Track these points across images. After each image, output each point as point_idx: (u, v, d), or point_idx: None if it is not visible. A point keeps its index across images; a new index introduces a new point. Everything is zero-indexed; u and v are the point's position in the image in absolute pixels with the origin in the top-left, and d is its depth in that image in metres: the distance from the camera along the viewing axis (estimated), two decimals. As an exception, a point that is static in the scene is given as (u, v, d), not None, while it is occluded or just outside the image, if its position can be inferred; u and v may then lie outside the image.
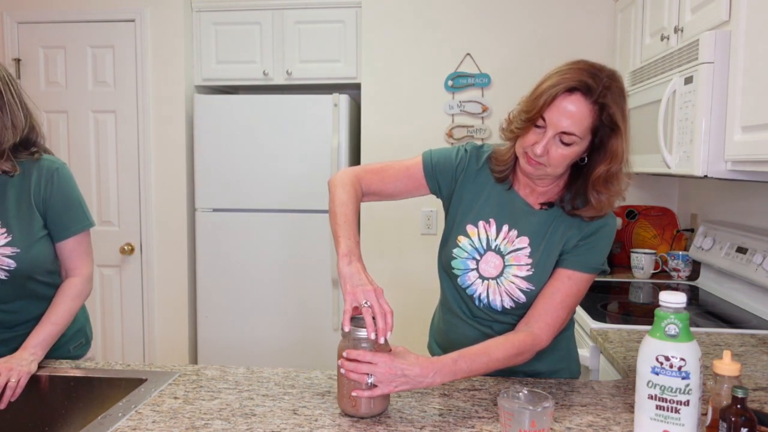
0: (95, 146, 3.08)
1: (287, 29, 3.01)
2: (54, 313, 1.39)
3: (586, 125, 1.12)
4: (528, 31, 2.87)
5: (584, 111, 1.11)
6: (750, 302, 1.97)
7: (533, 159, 1.16)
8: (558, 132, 1.12)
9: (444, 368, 1.07)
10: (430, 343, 1.50)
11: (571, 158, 1.16)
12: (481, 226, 1.28)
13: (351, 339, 1.07)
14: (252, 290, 3.02)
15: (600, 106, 1.11)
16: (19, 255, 1.36)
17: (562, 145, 1.14)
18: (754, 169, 1.48)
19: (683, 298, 0.90)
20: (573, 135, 1.12)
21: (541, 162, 1.16)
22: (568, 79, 1.11)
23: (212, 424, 1.06)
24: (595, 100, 1.11)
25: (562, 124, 1.11)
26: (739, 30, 1.52)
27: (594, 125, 1.13)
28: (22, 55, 3.06)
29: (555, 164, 1.16)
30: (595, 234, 1.22)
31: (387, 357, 1.04)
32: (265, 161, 2.95)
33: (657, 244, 2.71)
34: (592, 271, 1.23)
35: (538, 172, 1.19)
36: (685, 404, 0.88)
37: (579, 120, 1.11)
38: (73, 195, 1.45)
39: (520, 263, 1.25)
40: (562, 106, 1.11)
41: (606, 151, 1.15)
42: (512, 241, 1.26)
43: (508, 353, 1.14)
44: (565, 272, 1.22)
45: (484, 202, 1.29)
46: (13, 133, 1.35)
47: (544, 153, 1.14)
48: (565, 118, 1.11)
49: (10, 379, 1.25)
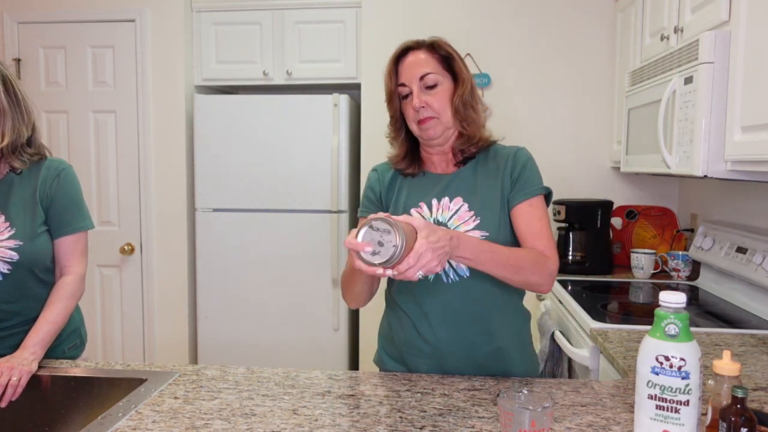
0: (95, 146, 3.09)
1: (287, 29, 3.01)
2: (50, 312, 1.40)
3: (434, 64, 1.31)
4: (528, 31, 2.87)
5: (422, 55, 1.31)
6: (750, 302, 1.97)
7: (423, 118, 1.30)
8: (418, 81, 1.29)
9: (469, 240, 1.13)
10: (380, 356, 1.45)
11: (447, 97, 1.31)
12: (414, 213, 1.34)
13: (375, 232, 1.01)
14: (252, 290, 3.02)
15: (431, 46, 1.32)
16: (22, 247, 1.39)
17: (430, 90, 1.30)
18: (753, 169, 1.48)
19: (683, 298, 0.90)
20: (430, 74, 1.29)
21: (429, 116, 1.29)
22: (397, 49, 1.34)
23: (212, 424, 1.06)
24: (425, 45, 1.33)
25: (416, 72, 1.30)
26: (739, 30, 1.52)
27: (440, 61, 1.32)
28: (22, 55, 3.06)
29: (439, 109, 1.30)
30: (519, 163, 1.33)
31: (424, 243, 1.01)
32: (265, 161, 2.96)
33: (657, 244, 2.71)
34: (540, 191, 1.33)
35: (435, 129, 1.30)
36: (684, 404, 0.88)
37: (425, 62, 1.30)
38: (76, 196, 1.49)
39: (465, 219, 1.30)
40: (406, 62, 1.32)
41: (457, 79, 1.32)
42: (447, 208, 1.33)
43: (531, 259, 1.22)
44: (523, 205, 1.31)
45: (408, 195, 1.37)
46: (26, 129, 1.42)
47: (423, 103, 1.29)
48: (414, 67, 1.30)
49: (11, 377, 1.25)
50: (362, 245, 1.01)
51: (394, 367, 1.39)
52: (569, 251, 2.62)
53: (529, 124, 2.90)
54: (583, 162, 2.90)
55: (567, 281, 2.40)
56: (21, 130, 1.40)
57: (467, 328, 1.30)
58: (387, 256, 1.00)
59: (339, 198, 2.94)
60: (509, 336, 1.34)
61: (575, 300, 2.03)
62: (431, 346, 1.32)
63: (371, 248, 1.00)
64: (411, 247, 1.01)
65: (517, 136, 2.83)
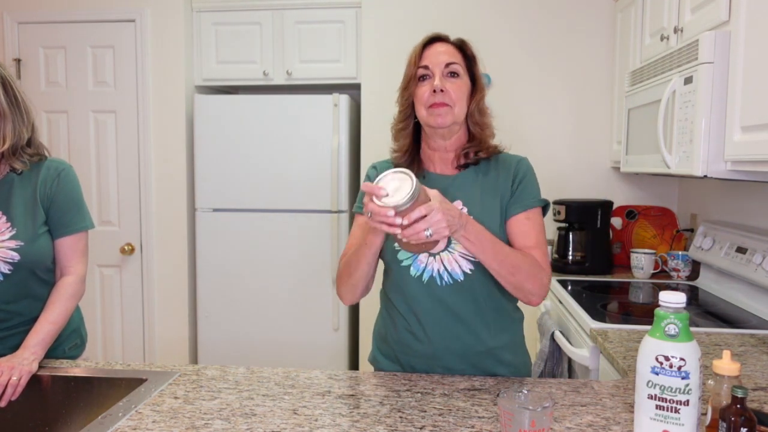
0: (95, 146, 3.09)
1: (287, 29, 3.01)
2: (51, 312, 1.40)
3: (460, 58, 1.32)
4: (528, 31, 2.87)
5: (451, 48, 1.32)
6: (750, 302, 1.97)
7: (437, 101, 1.28)
8: (443, 67, 1.29)
9: (476, 225, 1.17)
10: (374, 354, 1.46)
11: (466, 91, 1.31)
12: None
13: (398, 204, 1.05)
14: (252, 290, 3.02)
15: (460, 42, 1.34)
16: (23, 248, 1.39)
17: (452, 78, 1.30)
18: (753, 169, 1.48)
19: (683, 298, 0.90)
20: (455, 63, 1.30)
21: (445, 102, 1.28)
22: (425, 37, 1.34)
23: (212, 424, 1.06)
24: (454, 42, 1.34)
25: (442, 59, 1.30)
26: (739, 30, 1.52)
27: (464, 60, 1.33)
28: (22, 55, 3.06)
29: (456, 98, 1.29)
30: (520, 174, 1.34)
31: (437, 204, 1.07)
32: (265, 161, 2.96)
33: (657, 244, 2.71)
34: (538, 203, 1.34)
35: (445, 117, 1.29)
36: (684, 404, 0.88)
37: (452, 53, 1.31)
38: (76, 196, 1.50)
39: None
40: (433, 48, 1.32)
41: (476, 83, 1.34)
42: None
43: (529, 260, 1.24)
44: (521, 216, 1.31)
45: None
46: (27, 130, 1.43)
47: (443, 86, 1.28)
48: (441, 54, 1.31)
49: (12, 377, 1.26)
50: (378, 188, 1.06)
51: (388, 366, 1.39)
52: (569, 251, 2.62)
53: (529, 124, 2.90)
54: (583, 162, 2.90)
55: (567, 281, 2.40)
56: (21, 132, 1.41)
57: (459, 329, 1.31)
58: (401, 199, 1.04)
59: (339, 198, 2.94)
60: (502, 337, 1.34)
61: (575, 300, 2.03)
62: (424, 345, 1.32)
63: (386, 192, 1.06)
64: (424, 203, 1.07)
65: (517, 136, 2.83)
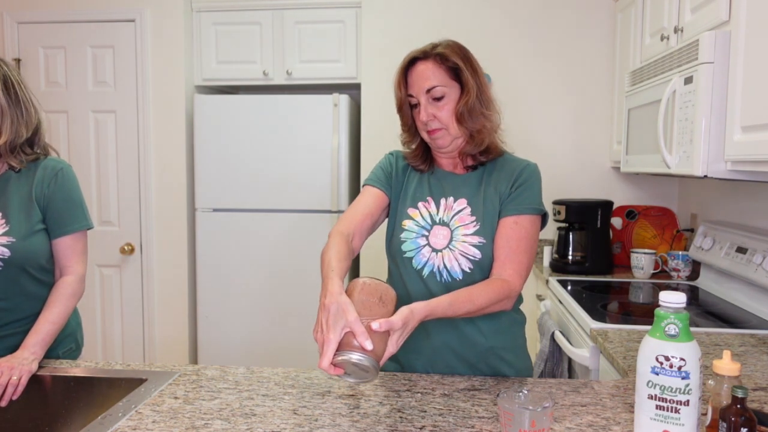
0: (95, 146, 3.09)
1: (287, 29, 3.01)
2: (50, 312, 1.40)
3: (441, 75, 1.29)
4: (528, 31, 2.87)
5: (431, 66, 1.29)
6: (750, 302, 1.97)
7: (431, 129, 1.31)
8: (425, 93, 1.29)
9: (426, 308, 1.10)
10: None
11: (453, 109, 1.30)
12: (421, 206, 1.36)
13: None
14: (252, 290, 3.02)
15: (439, 57, 1.29)
16: (14, 244, 1.38)
17: (437, 102, 1.29)
18: (754, 169, 1.48)
19: (683, 298, 0.90)
20: (437, 87, 1.28)
21: (437, 128, 1.30)
22: (405, 59, 1.32)
23: (212, 424, 1.06)
24: (432, 56, 1.29)
25: (424, 85, 1.29)
26: (739, 30, 1.52)
27: (448, 72, 1.29)
28: (22, 55, 3.06)
29: (446, 121, 1.30)
30: (521, 177, 1.33)
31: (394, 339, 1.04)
32: (265, 161, 2.96)
33: (657, 244, 2.71)
34: (532, 212, 1.31)
35: (444, 139, 1.32)
36: (684, 404, 0.88)
37: (432, 74, 1.29)
38: (74, 195, 1.49)
39: (465, 222, 1.32)
40: (414, 73, 1.30)
41: (462, 87, 1.30)
42: (451, 207, 1.35)
43: (491, 299, 1.21)
44: (510, 219, 1.30)
45: (417, 188, 1.39)
46: (26, 129, 1.42)
47: (430, 117, 1.29)
48: (422, 79, 1.29)
49: (12, 377, 1.25)
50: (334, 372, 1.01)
51: (389, 366, 1.39)
52: (569, 251, 2.62)
53: (530, 123, 2.90)
54: (583, 162, 2.90)
55: (567, 281, 2.39)
56: (20, 130, 1.40)
57: (458, 327, 1.31)
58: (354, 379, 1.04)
59: (339, 198, 2.94)
60: (502, 337, 1.35)
61: (575, 300, 2.03)
62: (422, 344, 1.33)
63: (341, 373, 1.03)
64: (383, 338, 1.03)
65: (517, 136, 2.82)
